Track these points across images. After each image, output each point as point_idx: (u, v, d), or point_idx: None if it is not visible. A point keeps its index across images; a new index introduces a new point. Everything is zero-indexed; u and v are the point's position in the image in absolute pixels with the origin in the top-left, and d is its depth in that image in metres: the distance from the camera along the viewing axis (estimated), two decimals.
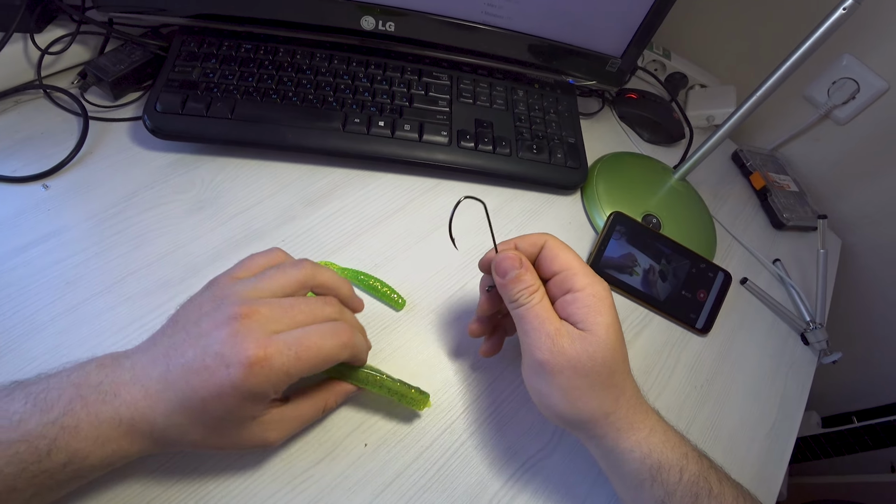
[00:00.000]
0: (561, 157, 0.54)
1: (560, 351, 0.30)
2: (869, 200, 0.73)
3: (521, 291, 0.32)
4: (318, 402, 0.33)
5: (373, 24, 0.51)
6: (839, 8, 0.42)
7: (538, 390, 0.33)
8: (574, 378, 0.31)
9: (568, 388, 0.31)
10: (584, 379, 0.31)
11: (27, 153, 0.44)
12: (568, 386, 0.31)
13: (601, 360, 0.30)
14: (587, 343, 0.30)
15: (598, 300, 0.32)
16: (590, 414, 0.31)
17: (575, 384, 0.31)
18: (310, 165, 0.50)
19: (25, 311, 0.36)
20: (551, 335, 0.31)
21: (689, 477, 0.31)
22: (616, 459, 0.32)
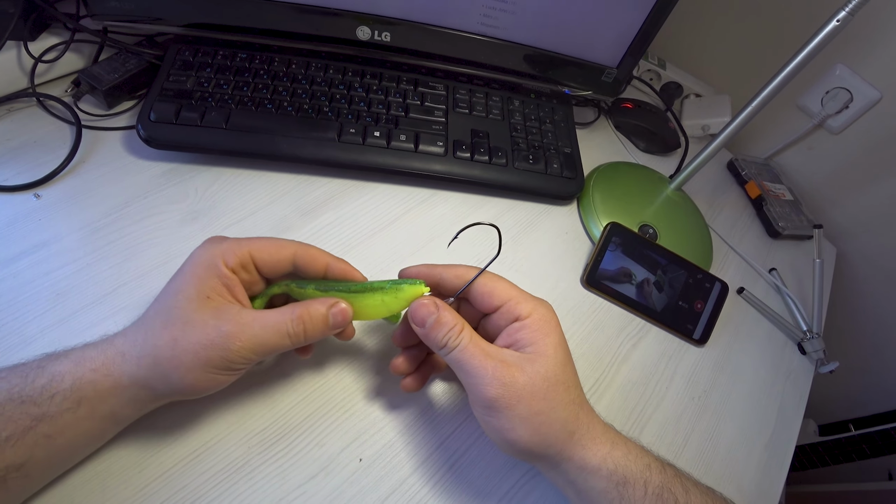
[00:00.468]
0: (557, 168, 0.54)
1: (512, 382, 0.29)
2: (864, 209, 0.73)
3: (446, 335, 0.31)
4: (286, 309, 0.31)
5: (368, 35, 0.51)
6: (832, 20, 0.42)
7: (497, 428, 0.30)
8: (533, 403, 0.29)
9: (529, 416, 0.29)
10: (544, 402, 0.30)
11: (19, 162, 0.43)
12: (528, 413, 0.29)
13: (555, 379, 0.30)
14: (538, 364, 0.30)
15: (545, 323, 0.32)
16: (555, 437, 0.30)
17: (536, 409, 0.30)
18: (305, 176, 0.50)
19: (15, 322, 0.35)
20: (498, 369, 0.29)
21: (653, 490, 0.30)
22: (584, 482, 0.31)
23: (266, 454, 0.34)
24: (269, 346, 0.30)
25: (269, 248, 0.32)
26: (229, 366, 0.29)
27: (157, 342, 0.28)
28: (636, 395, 0.46)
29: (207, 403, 0.35)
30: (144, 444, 0.33)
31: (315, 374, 0.38)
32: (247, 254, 0.31)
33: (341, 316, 0.32)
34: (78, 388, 0.27)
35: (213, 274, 0.30)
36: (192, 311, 0.28)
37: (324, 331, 0.31)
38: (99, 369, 0.28)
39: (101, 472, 0.31)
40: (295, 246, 0.33)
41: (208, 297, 0.29)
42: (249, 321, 0.29)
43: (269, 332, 0.29)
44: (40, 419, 0.26)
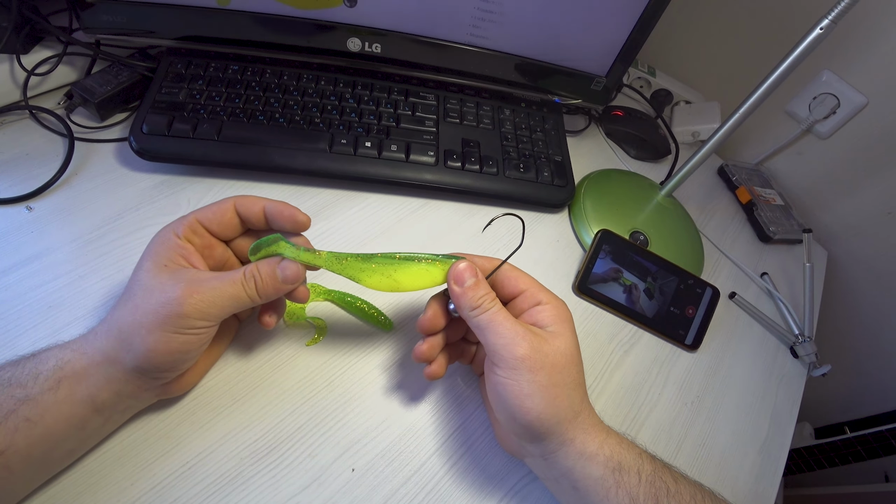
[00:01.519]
0: (548, 176, 0.55)
1: (539, 347, 0.31)
2: (853, 212, 0.74)
3: (482, 297, 0.32)
4: (238, 269, 0.31)
5: (359, 46, 0.52)
6: (816, 28, 0.43)
7: (515, 393, 0.31)
8: (553, 374, 0.31)
9: (548, 386, 0.31)
10: (561, 376, 0.31)
11: (11, 174, 0.44)
12: (548, 383, 0.31)
13: (571, 358, 0.32)
14: (559, 341, 0.32)
15: (563, 310, 0.34)
16: (564, 414, 0.31)
17: (555, 381, 0.31)
18: (297, 186, 0.50)
19: (6, 335, 0.35)
20: (528, 333, 0.31)
21: (647, 477, 0.31)
22: (582, 469, 0.31)
23: (258, 465, 0.34)
24: (223, 299, 0.30)
25: (212, 208, 0.34)
26: (187, 322, 0.29)
27: (120, 313, 0.30)
28: (629, 401, 0.46)
29: (199, 415, 0.35)
30: (136, 457, 0.33)
31: (307, 384, 0.38)
32: (194, 220, 0.33)
33: (292, 272, 0.32)
34: (58, 367, 0.28)
35: (166, 246, 0.31)
36: (149, 279, 0.30)
37: (275, 285, 0.32)
38: (77, 349, 0.29)
39: (92, 486, 0.31)
40: (233, 198, 0.34)
41: (165, 265, 0.30)
42: (205, 277, 0.30)
43: (224, 284, 0.30)
44: (23, 401, 0.26)
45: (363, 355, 0.41)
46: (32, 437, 0.27)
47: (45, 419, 0.27)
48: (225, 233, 0.35)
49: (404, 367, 0.41)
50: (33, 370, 0.28)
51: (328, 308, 0.43)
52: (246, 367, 0.38)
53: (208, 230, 0.34)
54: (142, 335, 0.28)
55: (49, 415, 0.27)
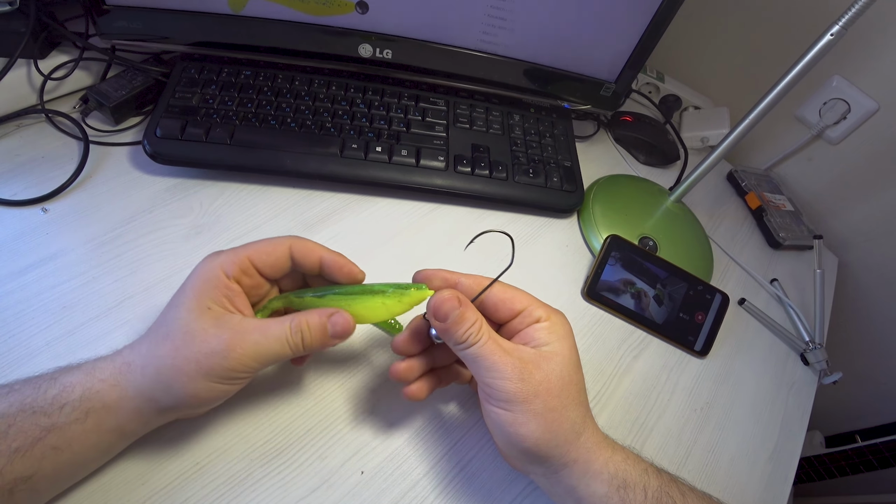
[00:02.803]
0: (557, 181, 0.55)
1: (529, 377, 0.30)
2: (864, 218, 0.73)
3: (468, 331, 0.30)
4: (285, 318, 0.31)
5: (370, 52, 0.52)
6: (826, 34, 0.43)
7: (510, 422, 0.30)
8: (549, 399, 0.30)
9: (543, 412, 0.30)
10: (557, 399, 0.30)
11: (28, 176, 0.44)
12: (544, 409, 0.30)
13: (568, 378, 0.31)
14: (554, 363, 0.31)
15: (561, 326, 0.33)
16: (564, 436, 0.31)
17: (551, 405, 0.30)
18: (308, 190, 0.50)
19: (21, 335, 0.36)
20: (517, 365, 0.30)
21: (653, 493, 0.31)
22: (586, 487, 0.31)
23: (268, 467, 0.34)
24: (268, 355, 0.30)
25: (266, 248, 0.32)
26: (230, 374, 0.29)
27: (159, 353, 0.29)
28: (638, 408, 0.46)
29: (209, 417, 0.35)
30: (147, 458, 0.33)
31: (316, 387, 0.39)
32: (245, 259, 0.31)
33: (341, 326, 0.31)
34: (87, 398, 0.27)
35: (213, 285, 0.30)
36: (192, 321, 0.29)
37: (323, 339, 0.31)
38: (107, 380, 0.28)
39: (104, 485, 0.31)
40: (290, 240, 0.33)
41: (209, 307, 0.29)
42: (250, 329, 0.29)
43: (269, 341, 0.29)
44: (49, 430, 0.26)
45: (374, 359, 0.41)
46: (59, 462, 0.27)
47: (72, 447, 0.27)
48: (275, 274, 0.33)
49: None
50: (58, 398, 0.27)
51: None
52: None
53: (259, 270, 0.32)
54: (182, 382, 0.28)
55: (76, 443, 0.27)
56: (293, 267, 0.34)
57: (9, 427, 0.25)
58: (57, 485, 0.29)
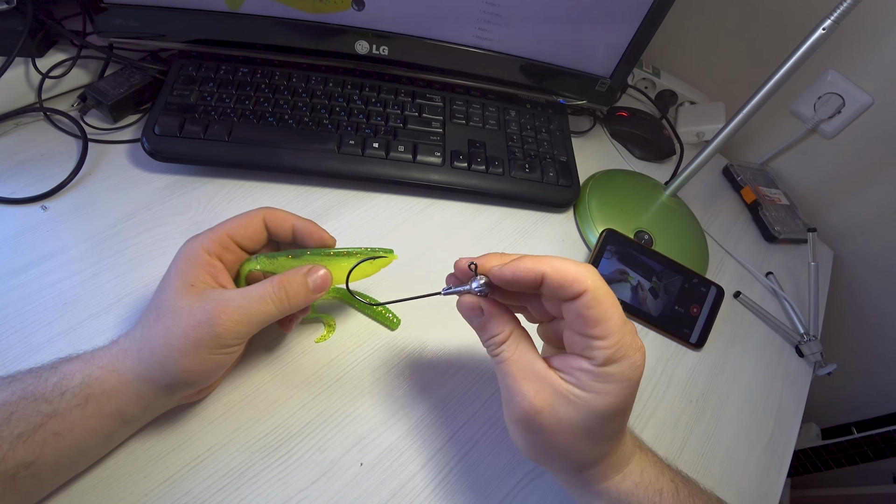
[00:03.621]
0: (553, 176, 0.55)
1: (537, 417, 0.27)
2: (858, 212, 0.74)
3: (488, 342, 0.30)
4: (266, 281, 0.31)
5: (367, 49, 0.53)
6: (819, 28, 0.43)
7: (513, 435, 0.31)
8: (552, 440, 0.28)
9: (543, 447, 0.29)
10: (561, 444, 0.28)
11: (27, 175, 0.45)
12: (544, 445, 0.29)
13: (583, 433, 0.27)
14: (574, 413, 0.27)
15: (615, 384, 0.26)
16: (561, 470, 0.31)
17: (551, 443, 0.28)
18: (306, 186, 0.51)
19: (23, 331, 0.36)
20: (530, 402, 0.27)
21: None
22: (584, 495, 0.32)
23: (268, 459, 0.35)
24: (254, 316, 0.30)
25: (241, 222, 0.34)
26: (220, 342, 0.29)
27: (151, 334, 0.30)
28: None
29: (210, 410, 0.36)
30: (149, 451, 0.33)
31: (315, 380, 0.39)
32: (224, 235, 0.33)
33: (321, 279, 0.32)
34: (86, 384, 0.28)
35: (195, 264, 0.31)
36: (178, 299, 0.30)
37: (306, 294, 0.32)
38: (105, 366, 0.29)
39: (106, 478, 0.32)
40: (263, 211, 0.34)
41: (192, 284, 0.30)
42: (232, 296, 0.30)
43: (252, 302, 0.30)
44: (51, 416, 0.27)
45: (371, 352, 0.42)
46: (61, 448, 0.27)
47: (73, 432, 0.28)
48: (254, 245, 0.35)
49: (412, 363, 0.42)
50: (58, 386, 0.28)
51: (337, 305, 0.44)
52: (256, 363, 0.39)
53: (238, 244, 0.33)
54: (175, 357, 0.29)
55: (77, 429, 0.28)
56: (269, 237, 0.35)
57: (11, 414, 0.26)
58: (58, 471, 0.29)
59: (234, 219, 0.34)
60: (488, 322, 0.30)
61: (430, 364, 0.42)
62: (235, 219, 0.34)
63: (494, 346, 0.29)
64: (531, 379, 0.28)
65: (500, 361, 0.29)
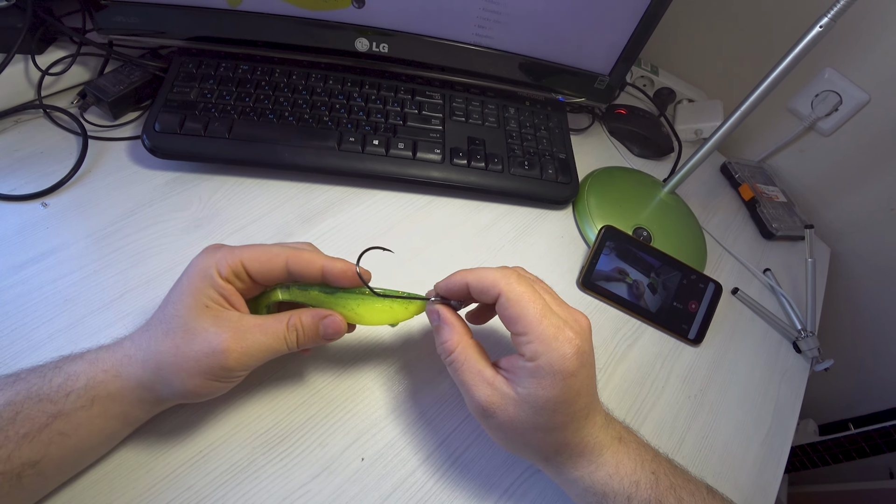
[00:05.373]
0: (552, 173, 0.56)
1: (491, 413, 0.31)
2: (855, 209, 0.74)
3: (440, 347, 0.33)
4: (282, 317, 0.31)
5: (367, 46, 0.53)
6: (816, 26, 0.43)
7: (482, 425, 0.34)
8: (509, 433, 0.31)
9: (505, 439, 0.33)
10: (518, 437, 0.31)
11: (27, 171, 0.45)
12: (505, 437, 0.32)
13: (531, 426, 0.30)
14: (521, 409, 0.30)
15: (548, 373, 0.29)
16: (530, 457, 0.34)
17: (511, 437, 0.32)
18: (306, 183, 0.51)
19: (24, 328, 0.36)
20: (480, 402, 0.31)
21: (639, 502, 0.31)
22: (562, 485, 0.35)
23: (270, 454, 0.35)
24: (266, 353, 0.31)
25: (261, 257, 0.31)
26: (228, 374, 0.30)
27: (159, 348, 0.29)
28: (633, 395, 0.46)
29: (211, 406, 0.36)
30: (151, 446, 0.33)
31: (317, 376, 0.39)
32: (238, 264, 0.31)
33: (332, 328, 0.32)
34: (91, 387, 0.28)
35: (208, 284, 0.30)
36: (191, 319, 0.29)
37: (315, 339, 0.32)
38: (109, 370, 0.29)
39: (108, 473, 0.32)
40: (287, 253, 0.32)
41: (207, 305, 0.30)
42: (249, 328, 0.30)
43: (268, 339, 0.30)
44: (56, 416, 0.27)
45: (372, 348, 0.42)
46: (66, 448, 0.28)
47: (79, 432, 0.28)
48: (266, 283, 0.33)
49: (412, 360, 0.42)
50: (63, 386, 0.28)
51: None
52: None
53: (251, 276, 0.32)
54: (182, 378, 0.29)
55: (83, 429, 0.28)
56: (289, 277, 0.33)
57: (16, 414, 0.26)
58: (63, 470, 0.29)
59: (256, 250, 0.32)
60: (441, 327, 0.33)
61: (430, 360, 0.43)
62: (257, 250, 0.32)
63: (445, 352, 0.33)
64: (481, 384, 0.31)
65: (453, 368, 0.32)
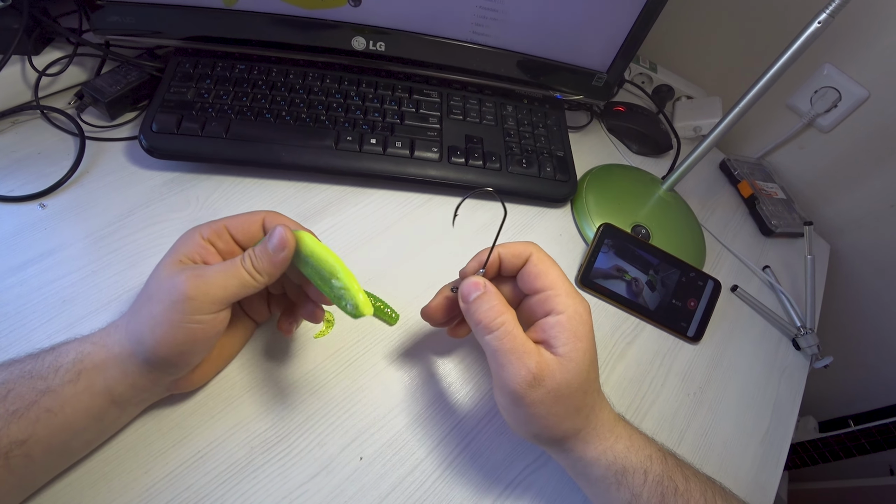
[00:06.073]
0: (550, 171, 0.55)
1: (538, 384, 0.30)
2: (855, 205, 0.74)
3: (486, 312, 0.31)
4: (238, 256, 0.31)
5: (364, 45, 0.53)
6: (814, 22, 0.43)
7: (513, 415, 0.33)
8: (552, 406, 0.31)
9: (545, 416, 0.31)
10: (560, 406, 0.31)
11: (24, 173, 0.45)
12: (545, 413, 0.31)
13: (577, 386, 0.31)
14: (566, 371, 0.31)
15: (579, 324, 0.32)
16: (562, 434, 0.33)
17: (552, 411, 0.31)
18: (304, 183, 0.51)
19: (22, 329, 0.36)
20: (529, 371, 0.30)
21: (654, 478, 0.32)
22: (584, 467, 0.34)
23: (268, 454, 0.35)
24: (225, 279, 0.30)
25: (241, 219, 0.34)
26: (192, 306, 0.29)
27: (137, 306, 0.31)
28: (632, 392, 0.46)
29: (210, 406, 0.36)
30: (149, 446, 0.33)
31: (315, 376, 0.39)
32: (221, 226, 0.33)
33: (277, 238, 0.31)
34: (78, 360, 0.29)
35: (188, 245, 0.32)
36: (165, 274, 0.31)
37: (269, 257, 0.31)
38: (97, 342, 0.30)
39: (107, 474, 0.32)
40: (264, 213, 0.35)
41: (180, 261, 0.31)
42: (206, 267, 0.31)
43: (224, 267, 0.31)
44: (44, 392, 0.27)
45: (370, 347, 0.42)
46: (53, 426, 0.28)
47: (64, 410, 0.28)
48: (248, 243, 0.35)
49: (410, 358, 0.42)
50: (53, 363, 0.29)
51: None
52: (256, 359, 0.39)
53: (233, 237, 0.34)
54: (150, 326, 0.29)
55: (69, 406, 0.28)
56: None
57: (8, 392, 0.27)
58: (50, 452, 0.29)
59: (236, 216, 0.35)
60: (488, 296, 0.32)
61: (429, 358, 0.43)
62: (237, 215, 0.35)
63: (490, 319, 0.31)
64: (530, 351, 0.31)
65: (499, 337, 0.31)
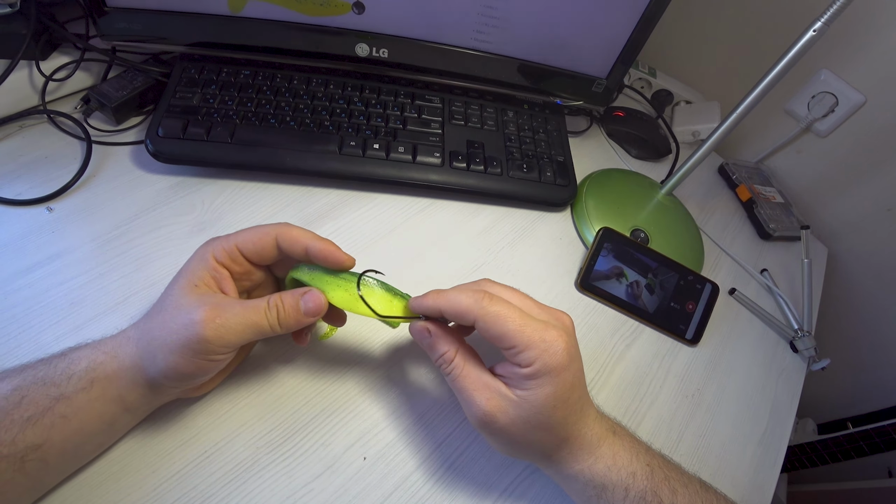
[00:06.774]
0: (550, 175, 0.56)
1: (493, 420, 0.31)
2: (852, 209, 0.75)
3: (438, 360, 0.33)
4: (263, 297, 0.32)
5: (367, 51, 0.53)
6: (809, 30, 0.44)
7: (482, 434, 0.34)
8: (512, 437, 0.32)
9: (506, 444, 0.33)
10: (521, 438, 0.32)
11: (32, 176, 0.45)
12: (506, 442, 0.33)
13: (536, 423, 0.31)
14: (523, 410, 0.31)
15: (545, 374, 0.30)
16: (534, 457, 0.35)
17: (513, 440, 0.32)
18: (307, 187, 0.51)
19: (31, 331, 0.37)
20: (483, 405, 0.31)
21: (636, 494, 0.32)
22: (562, 479, 0.36)
23: (273, 454, 0.35)
24: (245, 327, 0.30)
25: (253, 237, 0.33)
26: (207, 347, 0.29)
27: (151, 325, 0.31)
28: (631, 395, 0.47)
29: (216, 407, 0.36)
30: (156, 447, 0.34)
31: (319, 377, 0.40)
32: (234, 248, 0.33)
33: (312, 303, 0.32)
34: (91, 368, 0.29)
35: (202, 266, 0.32)
36: (181, 297, 0.31)
37: (297, 317, 0.32)
38: (109, 352, 0.30)
39: (115, 474, 0.32)
40: (276, 229, 0.33)
41: (196, 285, 0.31)
42: (228, 303, 0.31)
43: (247, 311, 0.30)
44: (58, 399, 0.28)
45: (374, 349, 0.42)
46: (67, 432, 0.28)
47: (78, 416, 0.28)
48: (263, 262, 0.35)
49: (413, 360, 0.43)
50: (66, 370, 0.29)
51: None
52: (261, 360, 0.39)
53: (247, 258, 0.33)
54: (164, 353, 0.29)
55: (83, 412, 0.29)
56: (280, 254, 0.34)
57: (22, 398, 0.27)
58: (65, 456, 0.29)
59: (248, 232, 0.33)
60: (435, 342, 0.33)
61: (431, 361, 0.43)
62: (248, 232, 0.33)
63: (445, 363, 0.33)
64: (481, 389, 0.32)
65: (453, 377, 0.33)
